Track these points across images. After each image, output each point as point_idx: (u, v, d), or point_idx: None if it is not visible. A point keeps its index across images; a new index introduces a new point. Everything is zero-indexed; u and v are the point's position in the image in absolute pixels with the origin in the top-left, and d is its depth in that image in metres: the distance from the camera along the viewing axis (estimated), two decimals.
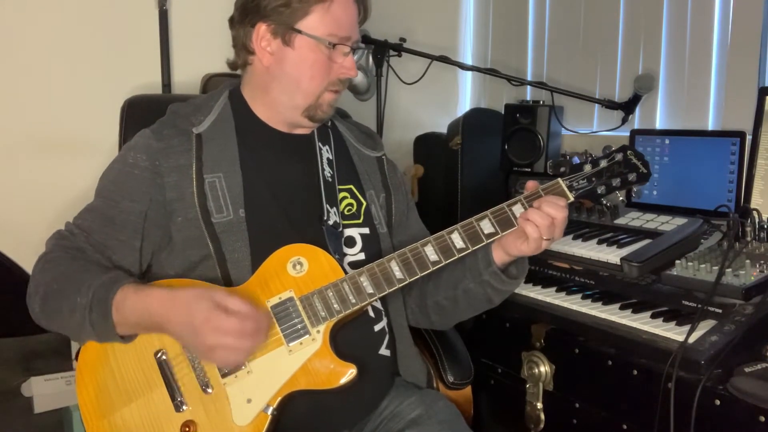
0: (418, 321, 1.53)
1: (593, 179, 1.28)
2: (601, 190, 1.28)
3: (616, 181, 1.28)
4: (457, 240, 1.27)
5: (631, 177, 1.28)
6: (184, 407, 1.22)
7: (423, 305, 1.48)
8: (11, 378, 2.19)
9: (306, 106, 1.37)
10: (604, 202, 1.30)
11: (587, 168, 1.28)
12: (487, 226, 1.27)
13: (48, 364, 2.19)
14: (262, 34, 1.35)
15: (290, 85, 1.36)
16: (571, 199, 1.28)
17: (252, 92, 1.42)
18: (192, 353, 1.23)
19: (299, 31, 1.33)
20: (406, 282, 1.27)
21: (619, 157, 1.28)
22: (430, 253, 1.27)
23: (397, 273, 1.27)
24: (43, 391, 2.15)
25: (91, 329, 1.20)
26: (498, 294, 1.38)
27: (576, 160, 1.29)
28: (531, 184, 1.29)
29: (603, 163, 1.28)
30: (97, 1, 2.22)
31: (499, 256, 1.33)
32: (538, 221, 1.24)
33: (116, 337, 1.21)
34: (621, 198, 1.30)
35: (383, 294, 1.28)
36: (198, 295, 1.17)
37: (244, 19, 1.36)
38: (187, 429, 1.21)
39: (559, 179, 1.28)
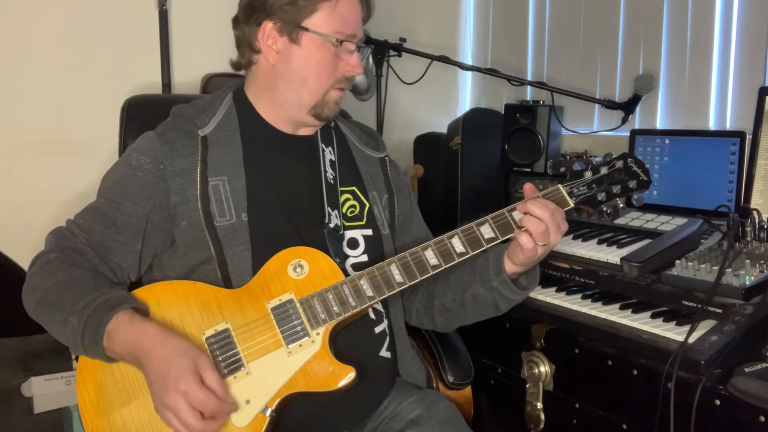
0: (422, 322, 1.52)
1: (593, 186, 1.28)
2: (601, 197, 1.28)
3: (616, 188, 1.28)
4: (457, 244, 1.27)
5: (632, 184, 1.28)
6: None
7: (429, 306, 1.47)
8: (11, 378, 2.19)
9: (312, 104, 1.37)
10: (604, 208, 1.29)
11: (588, 174, 1.28)
12: (487, 231, 1.27)
13: (48, 364, 2.19)
14: (268, 32, 1.35)
15: (297, 83, 1.36)
16: (572, 205, 1.27)
17: (257, 92, 1.42)
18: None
19: (306, 29, 1.33)
20: (406, 285, 1.27)
21: (619, 164, 1.28)
22: (431, 257, 1.27)
23: (397, 276, 1.27)
24: (43, 391, 2.15)
25: (82, 349, 1.20)
26: (506, 302, 1.37)
27: (577, 166, 1.29)
28: (528, 187, 1.28)
29: (603, 170, 1.28)
30: (97, 2, 2.23)
31: (508, 266, 1.32)
32: (531, 226, 1.23)
33: (104, 359, 1.20)
34: (621, 205, 1.30)
35: (383, 297, 1.27)
36: (184, 350, 1.14)
37: (249, 17, 1.36)
38: None
39: (559, 185, 1.28)
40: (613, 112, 2.36)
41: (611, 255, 1.66)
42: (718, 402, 1.30)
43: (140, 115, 1.61)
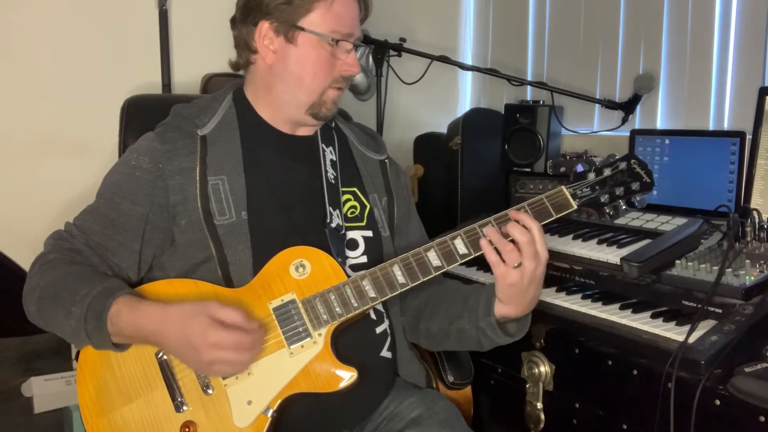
0: (408, 336, 1.51)
1: (597, 187, 1.27)
2: (604, 198, 1.27)
3: (619, 190, 1.27)
4: (460, 246, 1.26)
5: (635, 186, 1.27)
6: (185, 408, 1.22)
7: (415, 327, 1.47)
8: (11, 378, 2.19)
9: (310, 103, 1.37)
10: (607, 210, 1.29)
11: (591, 176, 1.28)
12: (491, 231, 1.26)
13: (48, 364, 2.19)
14: (264, 33, 1.35)
15: (294, 83, 1.36)
16: (575, 206, 1.27)
17: (255, 92, 1.42)
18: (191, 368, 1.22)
19: (302, 29, 1.33)
20: (408, 287, 1.26)
21: (623, 165, 1.28)
22: (433, 258, 1.26)
23: (400, 278, 1.26)
24: (43, 391, 2.15)
25: (87, 338, 1.20)
26: (489, 342, 1.35)
27: (580, 167, 1.29)
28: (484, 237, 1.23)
29: (607, 172, 1.28)
30: (97, 2, 2.23)
31: (498, 308, 1.29)
32: (497, 243, 1.20)
33: (111, 347, 1.21)
34: (624, 207, 1.30)
35: (385, 298, 1.27)
36: (192, 311, 1.16)
37: (246, 18, 1.36)
38: (187, 429, 1.20)
39: (562, 187, 1.27)
40: (613, 112, 2.36)
41: (611, 255, 1.66)
42: (718, 402, 1.30)
43: (140, 115, 1.61)
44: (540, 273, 1.23)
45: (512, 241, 1.21)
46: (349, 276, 1.29)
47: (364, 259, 1.41)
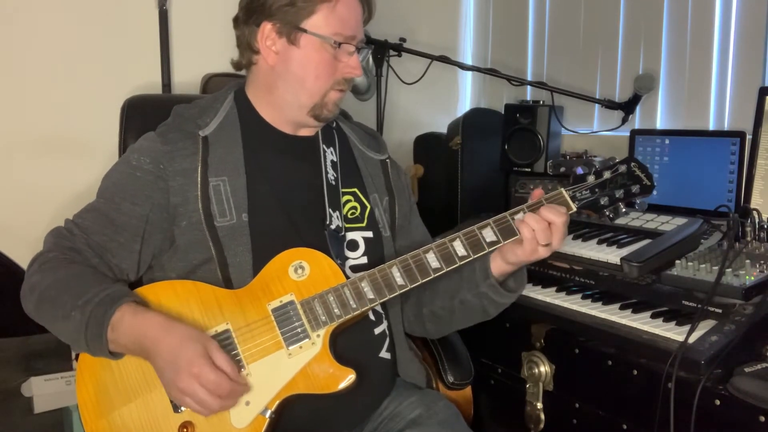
0: (413, 329, 1.52)
1: (596, 190, 1.27)
2: (604, 201, 1.27)
3: (619, 193, 1.27)
4: (458, 248, 1.26)
5: (635, 189, 1.27)
6: (183, 408, 1.21)
7: (419, 314, 1.47)
8: (11, 378, 2.19)
9: (311, 105, 1.37)
10: (607, 213, 1.29)
11: (591, 179, 1.28)
12: (489, 234, 1.26)
13: (48, 364, 2.19)
14: (267, 34, 1.34)
15: (295, 85, 1.36)
16: (574, 209, 1.27)
17: (256, 92, 1.42)
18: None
19: (304, 31, 1.33)
20: (407, 288, 1.27)
21: (622, 168, 1.28)
22: (432, 260, 1.27)
23: (398, 279, 1.26)
24: (43, 391, 2.15)
25: (85, 344, 1.20)
26: (494, 306, 1.37)
27: (580, 170, 1.29)
28: (537, 193, 1.29)
29: (606, 174, 1.28)
30: (97, 1, 2.23)
31: (497, 267, 1.32)
32: (534, 224, 1.23)
33: (108, 354, 1.21)
34: (624, 210, 1.30)
35: (383, 300, 1.27)
36: (193, 336, 1.16)
37: (249, 18, 1.36)
38: (185, 430, 1.20)
39: (562, 189, 1.28)
40: (613, 112, 2.36)
41: (611, 255, 1.66)
42: (718, 402, 1.30)
43: (140, 115, 1.61)
44: None
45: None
46: (348, 277, 1.29)
47: (364, 260, 1.41)
